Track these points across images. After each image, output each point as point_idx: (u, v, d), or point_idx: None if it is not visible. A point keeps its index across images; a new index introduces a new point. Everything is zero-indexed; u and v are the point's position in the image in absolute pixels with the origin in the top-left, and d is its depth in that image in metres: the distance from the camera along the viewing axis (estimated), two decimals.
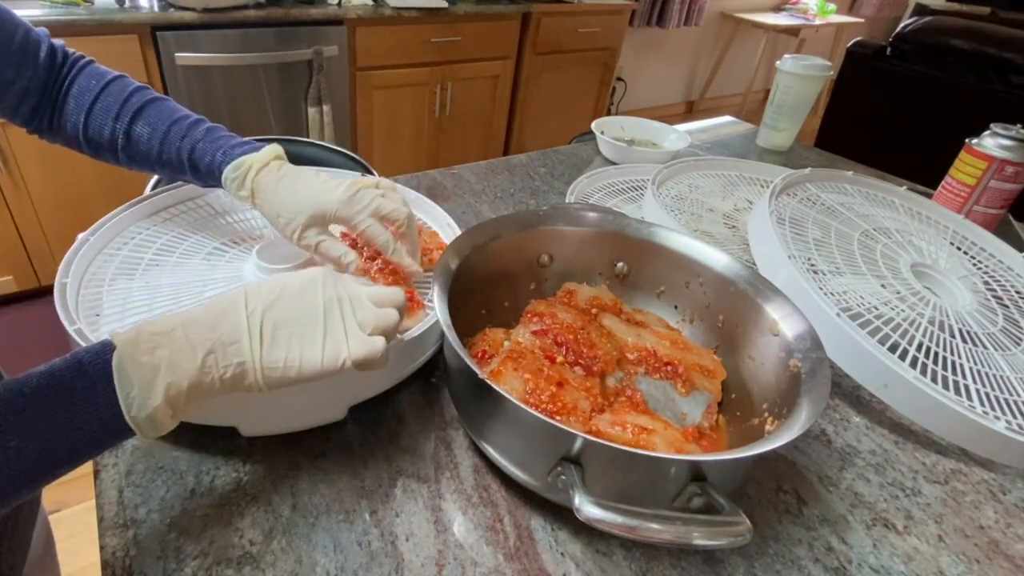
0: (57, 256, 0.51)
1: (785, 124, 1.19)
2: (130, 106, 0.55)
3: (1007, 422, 0.51)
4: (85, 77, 0.55)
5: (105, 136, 0.55)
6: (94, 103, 0.54)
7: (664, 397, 0.50)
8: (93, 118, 0.54)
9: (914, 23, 2.16)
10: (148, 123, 0.55)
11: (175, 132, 0.55)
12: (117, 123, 0.55)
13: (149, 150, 0.55)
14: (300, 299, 0.38)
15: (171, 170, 0.57)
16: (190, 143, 0.55)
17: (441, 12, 2.12)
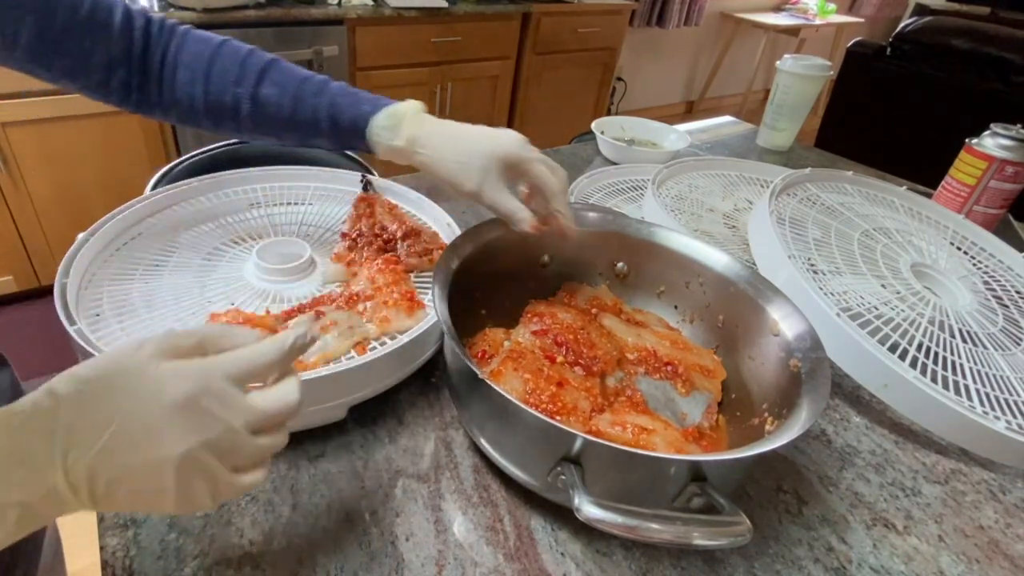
0: (57, 256, 0.51)
1: (785, 124, 1.19)
2: (250, 68, 0.52)
3: (1007, 422, 0.51)
4: (193, 43, 0.51)
5: (227, 102, 0.52)
6: (210, 69, 0.51)
7: (664, 397, 0.50)
8: (212, 85, 0.51)
9: (914, 23, 2.16)
10: (275, 84, 0.52)
11: (308, 90, 0.52)
12: (239, 87, 0.51)
13: (279, 111, 0.52)
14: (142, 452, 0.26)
15: (301, 132, 0.54)
16: (328, 99, 0.52)
17: (441, 12, 2.12)
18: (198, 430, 0.27)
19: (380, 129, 0.51)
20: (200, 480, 0.28)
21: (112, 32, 0.48)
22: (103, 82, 0.49)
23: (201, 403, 0.27)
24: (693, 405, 0.50)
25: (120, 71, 0.49)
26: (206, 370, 0.28)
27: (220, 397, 0.28)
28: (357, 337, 0.51)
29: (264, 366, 0.30)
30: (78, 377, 0.27)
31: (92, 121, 1.61)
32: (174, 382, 0.27)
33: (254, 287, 0.57)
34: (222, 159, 0.91)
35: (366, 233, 0.63)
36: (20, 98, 1.50)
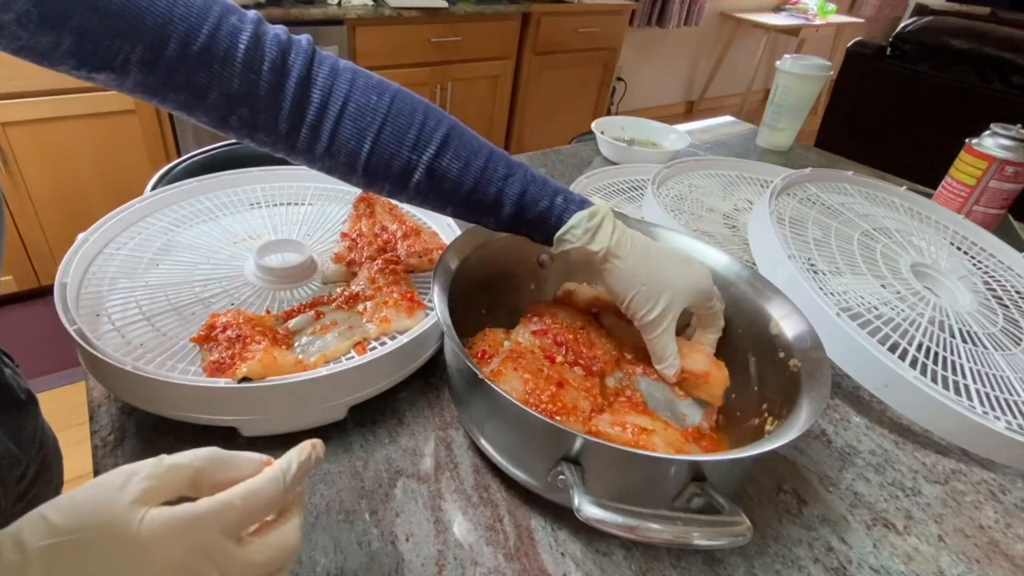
0: (57, 256, 0.51)
1: (785, 124, 1.19)
2: (429, 133, 0.45)
3: (1007, 422, 0.51)
4: (363, 91, 0.44)
5: (395, 168, 0.45)
6: (383, 127, 0.44)
7: (664, 397, 0.50)
8: (381, 145, 0.45)
9: (914, 23, 2.16)
10: (458, 157, 0.46)
11: (494, 169, 0.47)
12: (415, 154, 0.45)
13: (457, 188, 0.47)
14: None
15: (475, 211, 0.48)
16: (519, 184, 0.47)
17: (441, 12, 2.12)
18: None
19: (581, 230, 0.47)
20: None
21: (232, 68, 0.41)
22: (222, 118, 0.43)
23: (193, 567, 0.24)
24: (693, 406, 0.50)
25: (242, 110, 0.42)
26: (198, 526, 0.25)
27: (213, 557, 0.25)
28: (357, 337, 0.51)
29: (261, 511, 0.27)
30: (53, 527, 0.23)
31: (92, 121, 1.61)
32: (162, 545, 0.24)
33: (254, 287, 0.57)
34: (222, 159, 0.91)
35: (366, 233, 0.63)
36: (20, 98, 1.50)
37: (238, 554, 0.26)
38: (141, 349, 0.47)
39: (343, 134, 0.44)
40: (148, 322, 0.50)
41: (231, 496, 0.26)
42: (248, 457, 0.29)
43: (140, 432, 0.47)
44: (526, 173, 0.48)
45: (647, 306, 0.48)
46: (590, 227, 0.47)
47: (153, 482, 0.25)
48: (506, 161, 0.48)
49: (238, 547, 0.26)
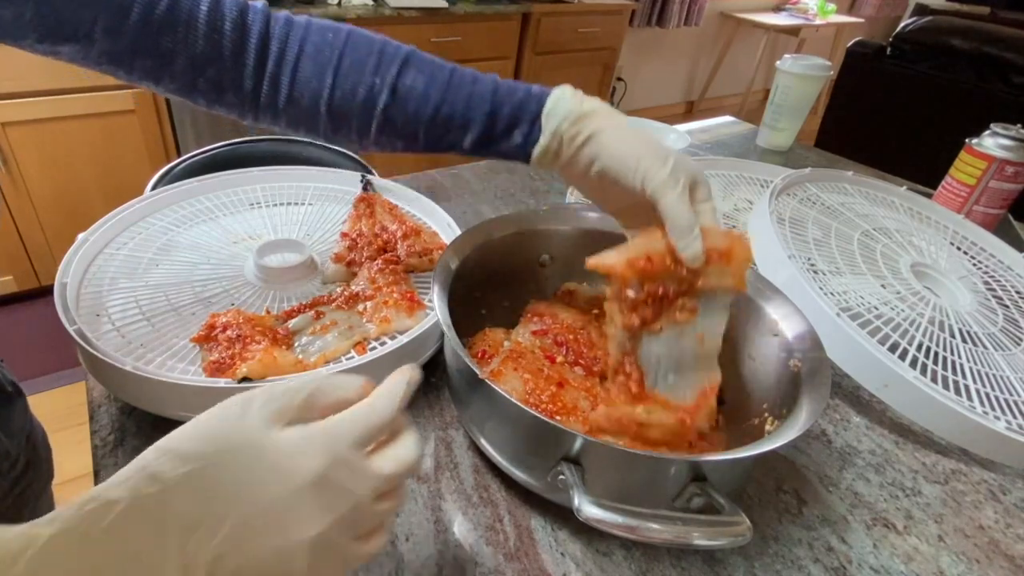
0: (57, 256, 0.51)
1: (785, 124, 1.19)
2: (390, 56, 0.44)
3: (1007, 422, 0.51)
4: (318, 31, 0.44)
5: (359, 97, 0.44)
6: (341, 58, 0.44)
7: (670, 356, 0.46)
8: (343, 77, 0.44)
9: (914, 23, 2.16)
10: (422, 71, 0.44)
11: (460, 77, 0.45)
12: (377, 76, 0.44)
13: (423, 104, 0.44)
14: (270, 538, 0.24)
15: (446, 128, 0.45)
16: (490, 83, 0.45)
17: (441, 12, 2.12)
18: (330, 508, 0.25)
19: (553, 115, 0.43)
20: (331, 558, 0.25)
21: (196, 30, 0.41)
22: (189, 84, 0.43)
23: (331, 479, 0.25)
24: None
25: (209, 71, 0.43)
26: (331, 439, 0.26)
27: (349, 468, 0.26)
28: (357, 337, 0.51)
29: (383, 427, 0.28)
30: (182, 455, 0.23)
31: (92, 121, 1.62)
32: (302, 458, 0.25)
33: (254, 287, 0.57)
34: (222, 159, 0.91)
35: (366, 233, 0.63)
36: (20, 98, 1.50)
37: (368, 466, 0.27)
38: (141, 349, 0.47)
39: (303, 75, 0.44)
40: (148, 322, 0.50)
41: (356, 413, 0.27)
42: (350, 379, 0.29)
43: (140, 432, 0.47)
44: (495, 77, 0.46)
45: (657, 163, 0.41)
46: (577, 93, 0.44)
47: (272, 406, 0.26)
48: (472, 71, 0.46)
49: (367, 460, 0.27)
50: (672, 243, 0.40)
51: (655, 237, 0.42)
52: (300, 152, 0.96)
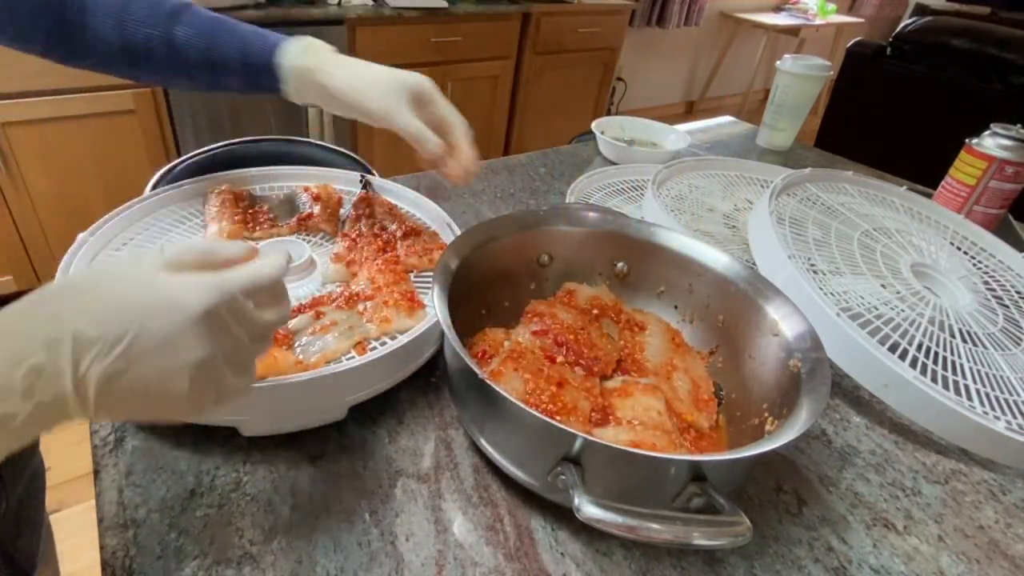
0: (57, 256, 0.51)
1: (785, 124, 1.19)
2: (163, 11, 0.53)
3: (1007, 422, 0.51)
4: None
5: (141, 44, 0.53)
6: (124, 13, 0.52)
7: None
8: (127, 28, 0.52)
9: (914, 23, 2.16)
10: (191, 25, 0.53)
11: (222, 28, 0.54)
12: (154, 29, 0.52)
13: (196, 52, 0.54)
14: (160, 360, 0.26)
15: (214, 73, 0.55)
16: (240, 37, 0.54)
17: (441, 12, 2.12)
18: (214, 339, 0.28)
19: (291, 54, 0.53)
20: (210, 384, 0.29)
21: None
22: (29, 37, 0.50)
23: (220, 314, 0.29)
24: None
25: (44, 22, 0.49)
26: (222, 283, 0.29)
27: (235, 310, 0.30)
28: (357, 337, 0.51)
29: (270, 283, 0.32)
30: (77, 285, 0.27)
31: (92, 121, 1.62)
32: (196, 294, 0.28)
33: None
34: (222, 159, 0.91)
35: (366, 233, 0.63)
36: (20, 98, 1.50)
37: (252, 311, 0.31)
38: None
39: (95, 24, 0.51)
40: None
41: (246, 270, 0.32)
42: (238, 244, 0.34)
43: (140, 432, 0.47)
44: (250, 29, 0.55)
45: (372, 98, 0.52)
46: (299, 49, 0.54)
47: (168, 257, 0.30)
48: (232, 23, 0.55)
49: (251, 306, 0.31)
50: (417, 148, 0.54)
51: None
52: (299, 152, 0.96)
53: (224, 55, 0.54)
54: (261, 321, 0.32)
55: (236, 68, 0.55)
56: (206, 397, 0.29)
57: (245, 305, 0.31)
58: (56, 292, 0.26)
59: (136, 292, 0.27)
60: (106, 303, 0.26)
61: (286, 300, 0.35)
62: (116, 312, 0.26)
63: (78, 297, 0.26)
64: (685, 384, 0.52)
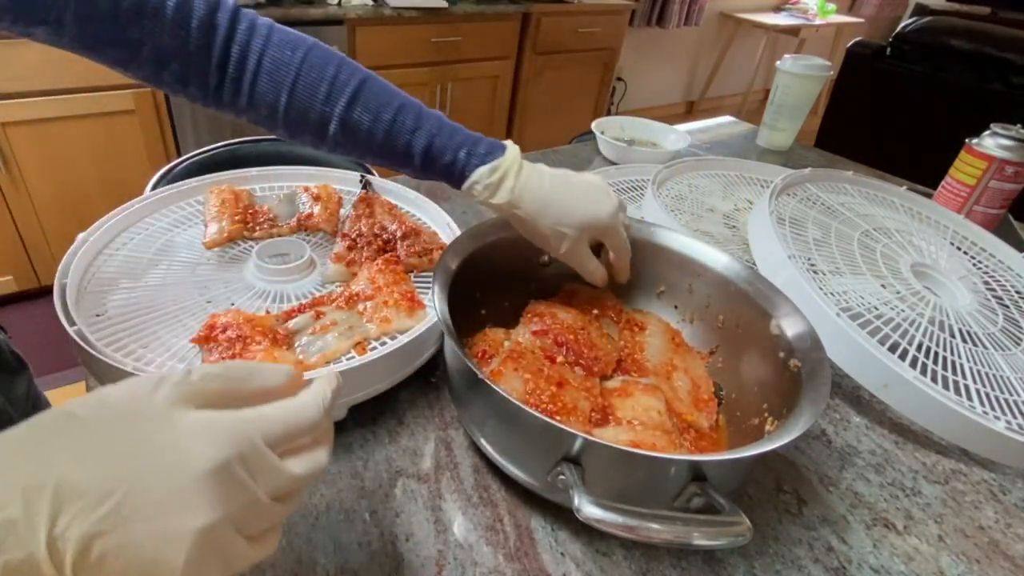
0: (57, 256, 0.51)
1: (785, 124, 1.19)
2: (341, 87, 0.47)
3: (1007, 422, 0.51)
4: (278, 47, 0.46)
5: (312, 119, 0.48)
6: (296, 82, 0.47)
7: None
8: (297, 99, 0.47)
9: (914, 23, 2.16)
10: (368, 109, 0.48)
11: (402, 122, 0.49)
12: (327, 107, 0.48)
13: (370, 140, 0.49)
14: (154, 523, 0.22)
15: (390, 161, 0.52)
16: (425, 137, 0.49)
17: (441, 12, 2.12)
18: (224, 501, 0.23)
19: (482, 186, 0.50)
20: (213, 555, 0.23)
21: (163, 24, 0.43)
22: (155, 74, 0.45)
23: (234, 470, 0.23)
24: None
25: (173, 65, 0.45)
26: (241, 430, 0.24)
27: (254, 464, 0.24)
28: (357, 337, 0.51)
29: (303, 431, 0.27)
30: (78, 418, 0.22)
31: (92, 121, 1.61)
32: (206, 444, 0.23)
33: (254, 287, 0.57)
34: (222, 159, 0.91)
35: (366, 233, 0.63)
36: (20, 98, 1.50)
37: (277, 464, 0.25)
38: (141, 350, 0.47)
39: (260, 88, 0.47)
40: (148, 322, 0.50)
41: (276, 410, 0.26)
42: (276, 368, 0.28)
43: None
44: (434, 125, 0.50)
45: (554, 244, 0.52)
46: (490, 183, 0.49)
47: (184, 388, 0.24)
48: (416, 113, 0.50)
49: (278, 460, 0.25)
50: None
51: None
52: (299, 152, 0.96)
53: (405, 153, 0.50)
54: (289, 475, 0.25)
55: (417, 167, 0.51)
56: (208, 570, 0.23)
57: (269, 458, 0.25)
58: (52, 425, 0.22)
59: (139, 435, 0.23)
60: (101, 447, 0.22)
61: (327, 445, 0.28)
62: (110, 460, 0.22)
63: (73, 435, 0.22)
64: (685, 384, 0.52)
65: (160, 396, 0.24)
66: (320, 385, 0.28)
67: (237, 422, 0.24)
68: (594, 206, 0.52)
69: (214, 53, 0.45)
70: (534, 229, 0.52)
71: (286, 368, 0.28)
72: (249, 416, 0.25)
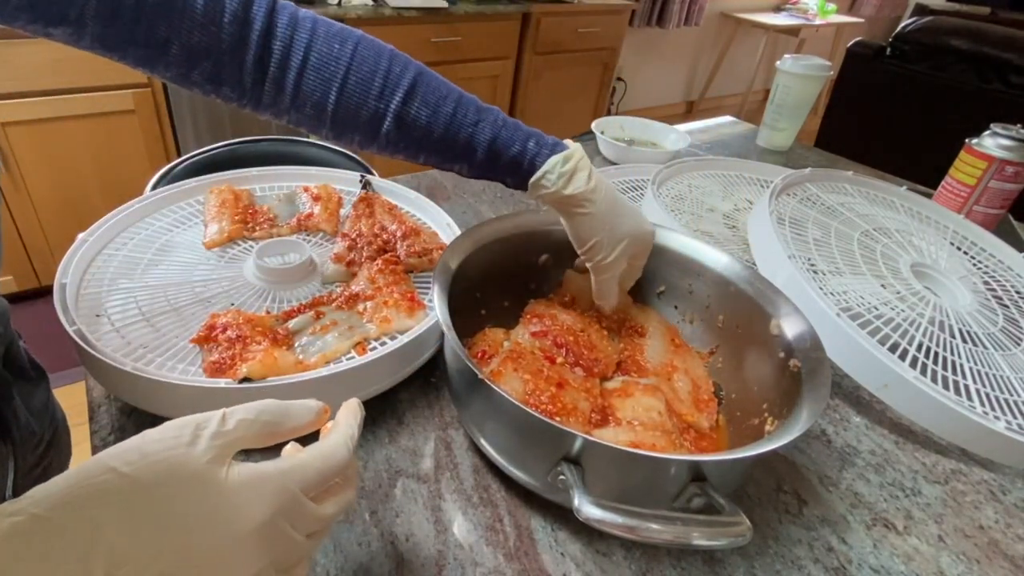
0: (57, 256, 0.50)
1: (785, 124, 1.19)
2: (395, 80, 0.45)
3: (1007, 422, 0.51)
4: (325, 40, 0.43)
5: (363, 117, 0.45)
6: (347, 77, 0.44)
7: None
8: (347, 95, 0.44)
9: (914, 23, 2.16)
10: (426, 104, 0.45)
11: (464, 115, 0.46)
12: (382, 103, 0.45)
13: (427, 135, 0.46)
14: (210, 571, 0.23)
15: (444, 156, 0.48)
16: (490, 130, 0.47)
17: (441, 12, 2.12)
18: (269, 552, 0.24)
19: (555, 175, 0.47)
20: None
21: (192, 20, 0.40)
22: (184, 74, 0.42)
23: (278, 524, 0.25)
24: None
25: (204, 64, 0.42)
26: (282, 485, 0.25)
27: (295, 515, 0.26)
28: (357, 337, 0.51)
29: (335, 473, 0.28)
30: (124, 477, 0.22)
31: (92, 121, 1.61)
32: (251, 504, 0.24)
33: (254, 287, 0.57)
34: (222, 159, 0.91)
35: (366, 233, 0.63)
36: (20, 98, 1.50)
37: (313, 511, 0.27)
38: (141, 350, 0.47)
39: (307, 86, 0.44)
40: (148, 322, 0.50)
41: (311, 458, 0.27)
42: (304, 405, 0.29)
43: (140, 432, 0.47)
44: (497, 118, 0.48)
45: (605, 251, 0.50)
46: (564, 172, 0.47)
47: (224, 440, 0.25)
48: (476, 106, 0.47)
49: (314, 507, 0.27)
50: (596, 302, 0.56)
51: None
52: (300, 152, 0.96)
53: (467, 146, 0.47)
54: (321, 517, 0.27)
55: (478, 162, 0.48)
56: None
57: (307, 506, 0.26)
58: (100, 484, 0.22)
59: (185, 495, 0.23)
60: (149, 513, 0.22)
61: (354, 483, 0.30)
62: (158, 525, 0.22)
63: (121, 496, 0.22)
64: (685, 384, 0.52)
65: (199, 451, 0.24)
66: (347, 422, 0.30)
67: (278, 476, 0.26)
68: (645, 223, 0.53)
69: (250, 50, 0.42)
70: (591, 229, 0.49)
71: (314, 404, 0.30)
72: (287, 468, 0.26)
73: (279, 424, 0.28)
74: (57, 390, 0.63)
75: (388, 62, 0.45)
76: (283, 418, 0.28)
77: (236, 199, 0.65)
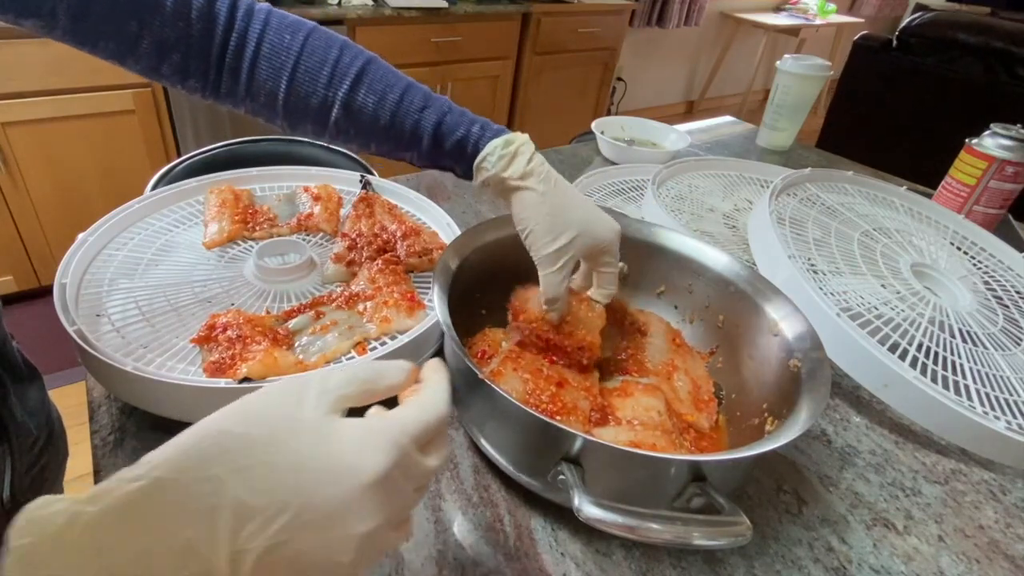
0: (57, 256, 0.50)
1: (785, 124, 1.19)
2: (344, 69, 0.46)
3: (1007, 422, 0.51)
4: (276, 31, 0.45)
5: (314, 104, 0.46)
6: (296, 65, 0.45)
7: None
8: (298, 83, 0.45)
9: (920, 17, 2.15)
10: (373, 91, 0.46)
11: (410, 102, 0.47)
12: (330, 90, 0.46)
13: (374, 122, 0.47)
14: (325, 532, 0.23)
15: (393, 144, 0.49)
16: (435, 115, 0.47)
17: (441, 12, 2.12)
18: (385, 505, 0.24)
19: (496, 157, 0.47)
20: (373, 549, 0.25)
21: (162, 16, 0.42)
22: (154, 67, 0.44)
23: (393, 477, 0.25)
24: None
25: (174, 56, 0.43)
26: (395, 438, 0.25)
27: (408, 467, 0.26)
28: (357, 337, 0.51)
29: (441, 425, 0.28)
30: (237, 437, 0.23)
31: (92, 121, 1.61)
32: (369, 455, 0.24)
33: (254, 287, 0.57)
34: (222, 159, 0.91)
35: (366, 233, 0.63)
36: (20, 98, 1.50)
37: (424, 463, 0.27)
38: (141, 350, 0.47)
39: (260, 75, 0.45)
40: (148, 322, 0.50)
41: (417, 412, 0.28)
42: (397, 365, 0.30)
43: (140, 432, 0.47)
44: (443, 105, 0.48)
45: (545, 239, 0.46)
46: (505, 154, 0.47)
47: (330, 396, 0.26)
48: (424, 94, 0.48)
49: (421, 456, 0.27)
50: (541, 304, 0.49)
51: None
52: (299, 152, 0.96)
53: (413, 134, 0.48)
54: (428, 469, 0.27)
55: (424, 150, 0.49)
56: (369, 563, 0.25)
57: (418, 460, 0.26)
58: (217, 445, 0.22)
59: (302, 448, 0.23)
60: (270, 465, 0.23)
61: (447, 437, 0.31)
62: (281, 477, 0.22)
63: (240, 455, 0.22)
64: (685, 384, 0.52)
65: (309, 407, 0.25)
66: (439, 378, 0.31)
67: (388, 429, 0.26)
68: (603, 218, 0.49)
69: (214, 43, 0.44)
70: (534, 211, 0.46)
71: (405, 364, 0.30)
72: (395, 421, 0.27)
73: (375, 382, 0.28)
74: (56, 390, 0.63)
75: (339, 51, 0.46)
76: (379, 376, 0.29)
77: (236, 199, 0.65)
